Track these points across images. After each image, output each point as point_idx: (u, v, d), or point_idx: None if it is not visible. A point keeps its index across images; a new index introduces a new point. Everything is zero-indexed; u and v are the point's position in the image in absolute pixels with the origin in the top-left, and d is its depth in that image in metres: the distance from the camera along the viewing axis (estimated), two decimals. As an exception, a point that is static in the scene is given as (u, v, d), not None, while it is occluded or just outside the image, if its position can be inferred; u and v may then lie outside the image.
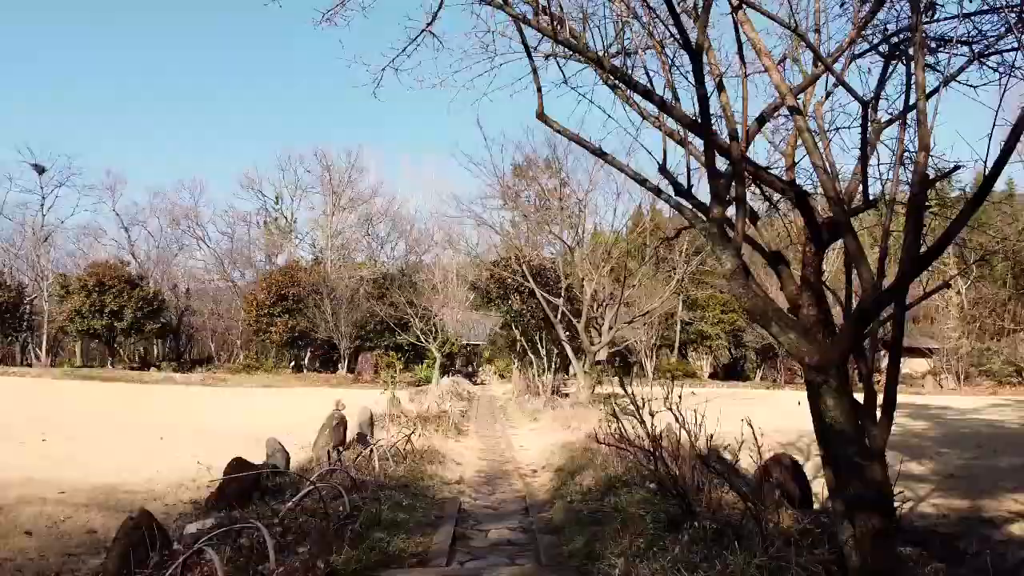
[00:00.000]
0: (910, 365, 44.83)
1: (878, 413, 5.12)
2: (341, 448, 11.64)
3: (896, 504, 4.99)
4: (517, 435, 18.73)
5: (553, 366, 29.23)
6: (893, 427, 4.89)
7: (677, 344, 53.92)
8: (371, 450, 10.71)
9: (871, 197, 5.41)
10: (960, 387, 43.62)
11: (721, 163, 5.69)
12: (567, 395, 28.40)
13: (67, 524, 8.35)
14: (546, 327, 30.67)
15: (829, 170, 4.90)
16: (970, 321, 47.21)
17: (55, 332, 50.62)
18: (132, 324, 45.72)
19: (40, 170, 54.01)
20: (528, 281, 29.00)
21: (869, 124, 5.09)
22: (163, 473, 11.34)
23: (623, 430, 7.40)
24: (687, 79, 5.50)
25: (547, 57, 7.20)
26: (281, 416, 20.59)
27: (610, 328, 27.60)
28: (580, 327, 27.12)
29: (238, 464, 8.34)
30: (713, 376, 52.51)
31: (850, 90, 4.73)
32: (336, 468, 9.13)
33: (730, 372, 54.48)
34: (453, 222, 38.22)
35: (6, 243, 54.38)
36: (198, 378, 41.98)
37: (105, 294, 44.52)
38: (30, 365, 47.13)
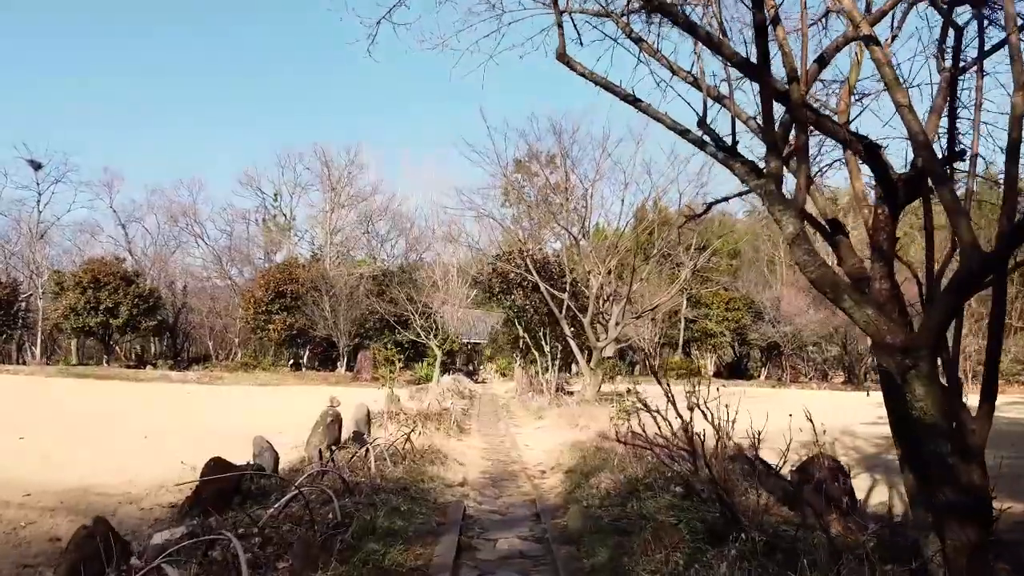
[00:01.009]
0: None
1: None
2: (335, 447, 10.82)
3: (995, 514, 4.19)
4: (522, 434, 17.92)
5: (556, 363, 28.36)
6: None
7: (681, 342, 53.07)
8: (367, 449, 9.87)
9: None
10: (967, 385, 42.69)
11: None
12: (571, 393, 27.58)
13: (28, 530, 7.55)
14: (550, 323, 29.78)
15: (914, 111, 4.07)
16: (977, 319, 46.30)
17: (50, 329, 49.72)
18: (128, 321, 44.80)
19: (36, 166, 53.13)
20: (532, 275, 28.12)
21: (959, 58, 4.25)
22: (144, 474, 10.53)
23: (654, 426, 6.58)
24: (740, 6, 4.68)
25: (561, 13, 6.41)
26: (277, 415, 19.82)
27: (617, 324, 26.66)
28: (586, 322, 26.24)
29: (216, 464, 7.44)
30: (717, 374, 51.64)
31: (941, 11, 3.90)
32: (327, 469, 8.29)
33: (734, 370, 53.67)
34: (454, 215, 37.27)
35: (1, 239, 53.60)
36: (194, 376, 41.14)
37: (100, 291, 43.57)
38: (25, 363, 46.31)
